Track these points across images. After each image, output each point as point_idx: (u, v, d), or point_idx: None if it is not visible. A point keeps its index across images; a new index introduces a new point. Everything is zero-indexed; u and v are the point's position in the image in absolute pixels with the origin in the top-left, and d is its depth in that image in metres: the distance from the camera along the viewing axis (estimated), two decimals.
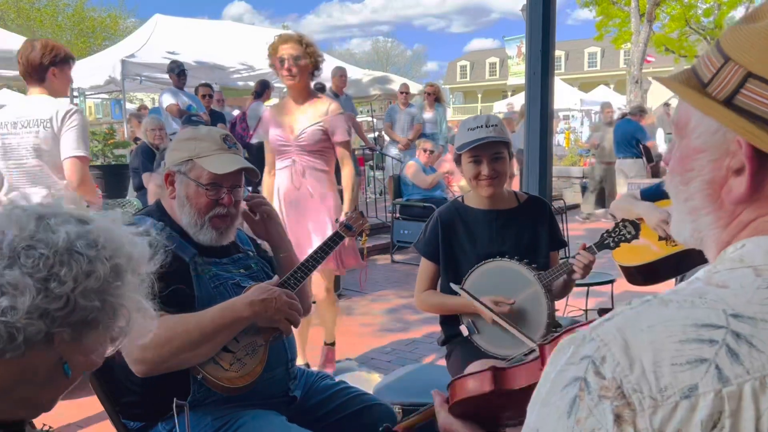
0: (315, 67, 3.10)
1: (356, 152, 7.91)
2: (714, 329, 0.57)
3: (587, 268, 2.02)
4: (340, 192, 3.26)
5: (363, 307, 4.89)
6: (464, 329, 2.11)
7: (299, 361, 3.25)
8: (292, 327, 1.70)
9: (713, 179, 0.68)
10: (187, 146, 1.69)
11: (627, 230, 2.02)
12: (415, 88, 10.21)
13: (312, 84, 3.21)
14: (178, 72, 6.80)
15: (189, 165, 1.67)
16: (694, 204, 0.71)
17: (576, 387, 0.59)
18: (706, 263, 0.71)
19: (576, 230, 7.19)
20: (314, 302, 3.25)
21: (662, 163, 0.82)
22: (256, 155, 7.28)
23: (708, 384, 0.55)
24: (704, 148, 0.68)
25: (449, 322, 2.20)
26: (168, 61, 7.63)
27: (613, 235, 2.05)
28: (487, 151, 2.04)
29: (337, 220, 2.24)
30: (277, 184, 3.19)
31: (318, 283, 3.26)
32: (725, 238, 0.69)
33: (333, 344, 3.55)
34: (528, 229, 2.16)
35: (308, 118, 3.07)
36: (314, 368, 3.21)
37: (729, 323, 0.57)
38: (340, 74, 7.64)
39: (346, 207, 3.09)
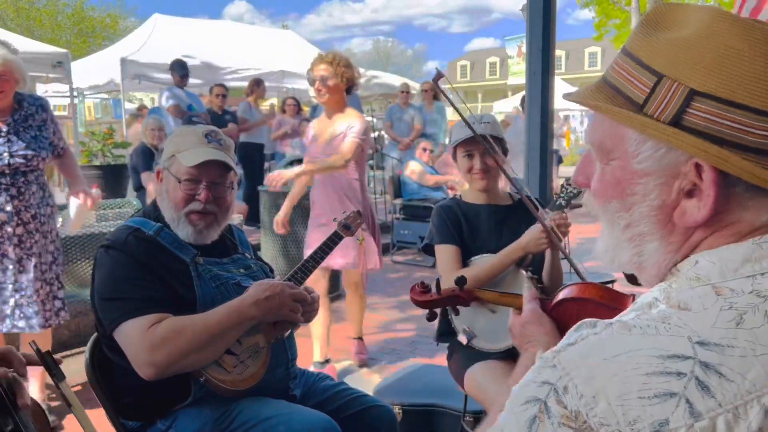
0: (348, 84, 3.24)
1: None
2: (681, 360, 0.54)
3: (558, 230, 1.97)
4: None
5: None
6: (463, 339, 2.10)
7: (319, 357, 3.44)
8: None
9: (663, 203, 0.64)
10: (172, 142, 1.71)
11: (572, 187, 2.04)
12: (415, 88, 10.21)
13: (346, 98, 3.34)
14: (180, 72, 6.75)
15: (171, 160, 1.68)
16: (639, 230, 0.67)
17: (536, 407, 0.58)
18: None
19: (577, 231, 7.15)
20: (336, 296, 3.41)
21: (573, 179, 0.76)
22: (244, 153, 7.28)
23: (679, 419, 0.52)
24: (649, 171, 0.64)
25: (445, 316, 2.20)
26: (167, 61, 7.61)
27: (561, 195, 2.07)
28: (479, 145, 2.11)
29: (335, 219, 2.26)
30: (312, 191, 3.45)
31: (346, 278, 3.52)
32: (674, 260, 0.66)
33: (361, 338, 3.71)
34: (524, 225, 2.18)
35: (335, 131, 3.25)
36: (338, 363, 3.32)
37: (696, 353, 0.54)
38: None
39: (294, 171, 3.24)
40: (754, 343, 0.54)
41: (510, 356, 2.07)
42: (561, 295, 1.15)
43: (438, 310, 2.09)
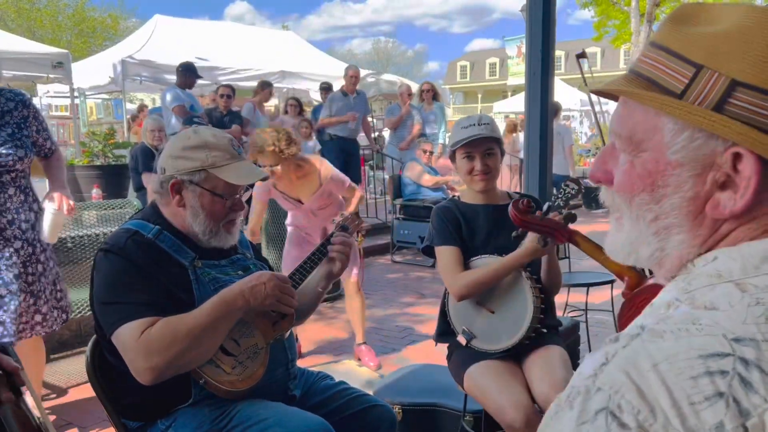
0: (292, 150, 3.23)
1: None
2: (721, 358, 0.54)
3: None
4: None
5: None
6: (462, 339, 2.11)
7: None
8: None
9: (697, 195, 0.63)
10: (197, 155, 1.64)
11: (570, 188, 2.06)
12: (416, 89, 10.23)
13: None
14: (190, 73, 6.69)
15: (202, 175, 1.63)
16: (667, 222, 0.66)
17: None
18: None
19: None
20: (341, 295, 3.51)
21: (590, 180, 0.75)
22: None
23: (732, 419, 0.52)
24: (684, 162, 0.63)
25: (444, 317, 2.21)
26: (168, 62, 7.60)
27: (559, 196, 2.07)
28: (479, 147, 2.11)
29: (333, 220, 2.26)
30: (291, 218, 3.59)
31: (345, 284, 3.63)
32: (697, 253, 0.65)
33: (365, 343, 3.72)
34: None
35: (308, 190, 3.36)
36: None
37: (734, 349, 0.54)
38: (351, 74, 7.49)
39: (351, 208, 3.39)
40: None
41: (509, 356, 2.08)
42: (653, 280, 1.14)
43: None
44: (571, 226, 1.85)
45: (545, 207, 1.76)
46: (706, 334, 0.55)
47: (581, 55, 2.17)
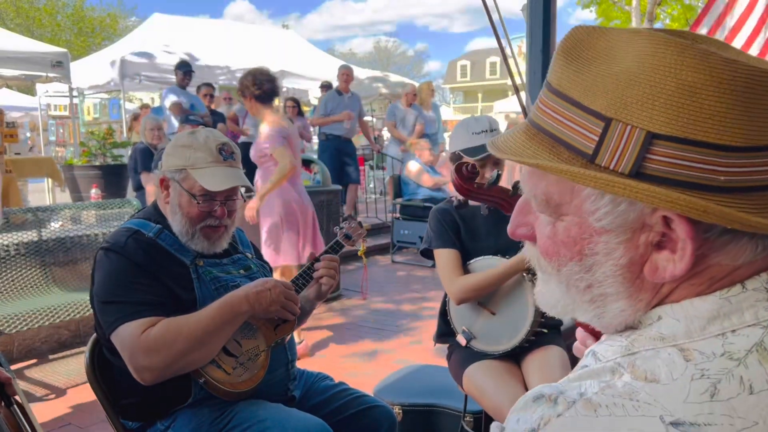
0: (247, 95, 3.55)
1: (357, 151, 7.90)
2: None
3: None
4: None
5: (362, 307, 4.88)
6: (461, 339, 2.10)
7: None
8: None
9: (631, 260, 0.56)
10: (182, 153, 1.66)
11: None
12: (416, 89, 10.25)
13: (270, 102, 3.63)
14: (184, 71, 6.73)
15: (182, 174, 1.64)
16: (602, 290, 0.59)
17: None
18: None
19: None
20: None
21: (510, 232, 0.68)
22: (245, 154, 7.32)
23: None
24: (610, 228, 0.56)
25: (445, 317, 2.20)
26: (167, 61, 7.59)
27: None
28: (492, 156, 2.08)
29: (337, 227, 2.25)
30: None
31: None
32: (639, 317, 0.59)
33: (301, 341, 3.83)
34: None
35: (259, 136, 3.69)
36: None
37: None
38: (343, 72, 7.53)
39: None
40: (732, 417, 0.49)
41: (508, 356, 2.07)
42: None
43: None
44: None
45: (494, 175, 1.71)
46: (642, 414, 0.50)
47: None
